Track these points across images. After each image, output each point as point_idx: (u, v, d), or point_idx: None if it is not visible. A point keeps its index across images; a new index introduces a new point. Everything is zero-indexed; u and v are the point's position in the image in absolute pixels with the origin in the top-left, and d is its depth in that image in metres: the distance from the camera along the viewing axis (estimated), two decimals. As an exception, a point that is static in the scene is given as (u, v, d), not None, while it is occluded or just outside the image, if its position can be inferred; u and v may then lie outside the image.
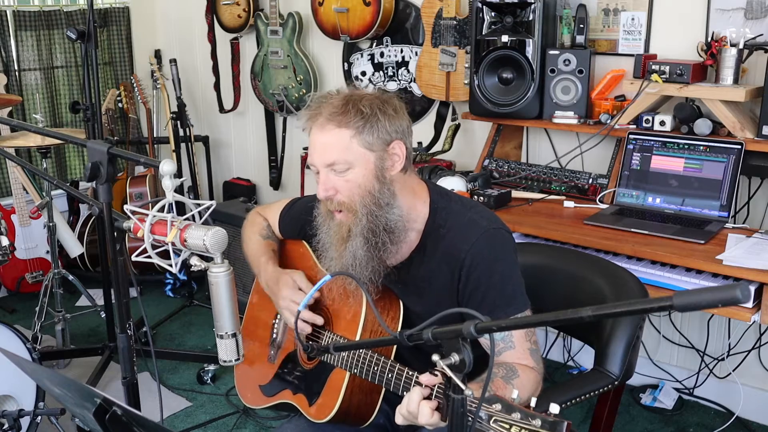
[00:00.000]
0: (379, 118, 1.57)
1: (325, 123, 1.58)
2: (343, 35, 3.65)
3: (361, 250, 1.61)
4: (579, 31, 3.00)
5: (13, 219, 3.83)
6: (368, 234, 1.60)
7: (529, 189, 3.07)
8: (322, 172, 1.60)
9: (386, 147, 1.59)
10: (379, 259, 1.64)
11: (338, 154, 1.57)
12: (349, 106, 1.57)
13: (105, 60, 4.54)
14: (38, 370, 1.70)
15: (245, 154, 4.58)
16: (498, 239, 1.63)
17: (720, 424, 2.93)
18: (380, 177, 1.59)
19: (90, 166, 1.46)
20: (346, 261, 1.62)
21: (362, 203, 1.59)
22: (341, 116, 1.56)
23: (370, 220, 1.59)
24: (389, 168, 1.61)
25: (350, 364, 1.63)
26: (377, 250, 1.62)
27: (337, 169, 1.58)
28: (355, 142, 1.56)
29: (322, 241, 1.70)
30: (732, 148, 2.62)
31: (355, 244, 1.61)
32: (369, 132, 1.56)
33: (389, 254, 1.66)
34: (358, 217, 1.60)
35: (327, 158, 1.58)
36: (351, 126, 1.56)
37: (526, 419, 1.08)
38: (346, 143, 1.56)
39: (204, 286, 3.93)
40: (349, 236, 1.61)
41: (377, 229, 1.60)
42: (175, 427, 2.92)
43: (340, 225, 1.64)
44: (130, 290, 1.56)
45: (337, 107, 1.57)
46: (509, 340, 1.57)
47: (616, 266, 2.02)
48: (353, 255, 1.61)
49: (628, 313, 0.95)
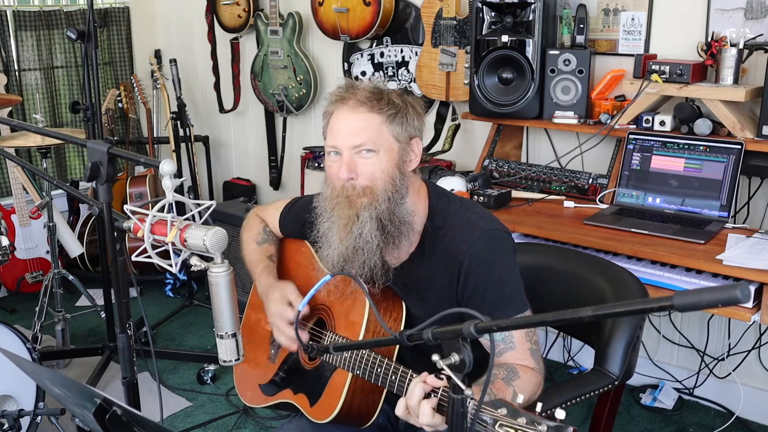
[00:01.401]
0: (409, 111, 1.62)
1: (357, 105, 1.58)
2: (343, 35, 3.65)
3: (373, 233, 1.58)
4: (579, 31, 3.00)
5: (13, 219, 3.83)
6: (386, 220, 1.58)
7: (529, 189, 3.07)
8: (346, 154, 1.59)
9: (409, 141, 1.62)
10: (383, 250, 1.62)
11: (368, 136, 1.57)
12: (383, 94, 1.60)
13: (105, 60, 4.54)
14: (38, 370, 1.70)
15: (245, 154, 4.58)
16: (496, 240, 1.62)
17: (720, 424, 2.93)
18: (401, 168, 1.61)
19: (90, 166, 1.46)
20: (352, 244, 1.60)
21: (384, 188, 1.58)
22: (375, 101, 1.58)
23: (389, 207, 1.58)
24: (408, 162, 1.63)
25: (353, 366, 1.63)
26: (390, 239, 1.61)
27: (364, 151, 1.58)
28: (385, 129, 1.58)
29: (321, 231, 1.67)
30: (732, 148, 2.62)
31: (367, 227, 1.58)
32: (398, 123, 1.59)
33: (395, 248, 1.65)
34: (377, 201, 1.58)
35: (356, 139, 1.57)
36: (384, 113, 1.58)
37: (532, 424, 1.07)
38: (377, 128, 1.58)
39: (204, 286, 3.93)
40: (357, 218, 1.59)
41: (393, 217, 1.59)
42: (175, 427, 2.92)
43: (350, 204, 1.59)
44: (130, 290, 1.56)
45: (371, 92, 1.59)
46: (510, 340, 1.56)
47: (616, 266, 2.02)
48: (363, 238, 1.58)
49: (628, 313, 0.95)
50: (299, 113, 4.07)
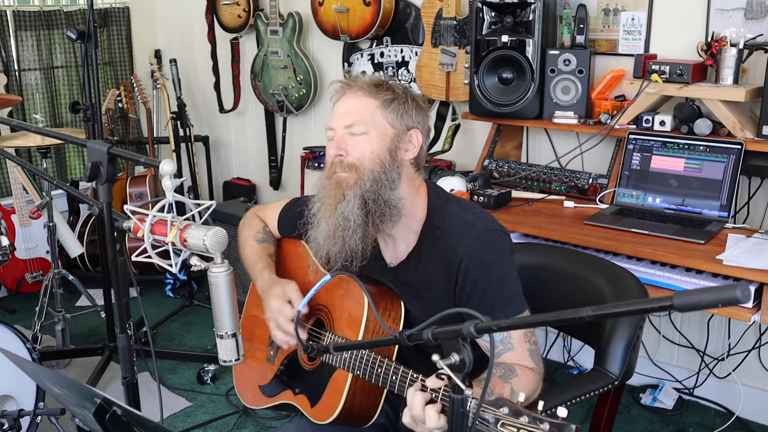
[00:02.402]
0: (408, 101, 1.65)
1: (357, 90, 1.64)
2: (343, 35, 3.65)
3: (356, 210, 1.59)
4: (579, 31, 3.00)
5: (13, 219, 3.83)
6: (368, 198, 1.59)
7: (529, 189, 3.07)
8: (338, 133, 1.63)
9: (406, 131, 1.64)
10: (371, 231, 1.62)
11: (359, 116, 1.61)
12: (384, 83, 1.65)
13: (105, 60, 4.54)
14: (38, 370, 1.70)
15: (245, 154, 4.58)
16: (495, 241, 1.62)
17: (720, 424, 2.93)
18: (393, 153, 1.62)
19: (90, 166, 1.46)
20: (335, 221, 1.60)
21: (371, 168, 1.60)
22: (374, 88, 1.64)
23: (373, 187, 1.59)
24: (403, 150, 1.64)
25: (353, 366, 1.63)
26: (373, 218, 1.60)
27: (355, 131, 1.61)
28: (379, 113, 1.62)
29: (313, 210, 1.68)
30: (732, 148, 2.62)
31: (351, 205, 1.59)
32: (394, 110, 1.63)
33: (385, 228, 1.64)
34: (362, 179, 1.59)
35: (348, 119, 1.62)
36: (380, 98, 1.63)
37: (534, 423, 1.07)
38: (370, 111, 1.62)
39: (204, 286, 3.93)
40: (343, 197, 1.60)
41: (378, 198, 1.60)
42: (175, 427, 2.92)
43: (337, 185, 1.61)
44: (130, 290, 1.56)
45: (373, 81, 1.66)
46: (508, 341, 1.56)
47: (616, 266, 2.02)
48: (344, 215, 1.59)
49: (628, 313, 0.95)
50: (299, 113, 4.07)
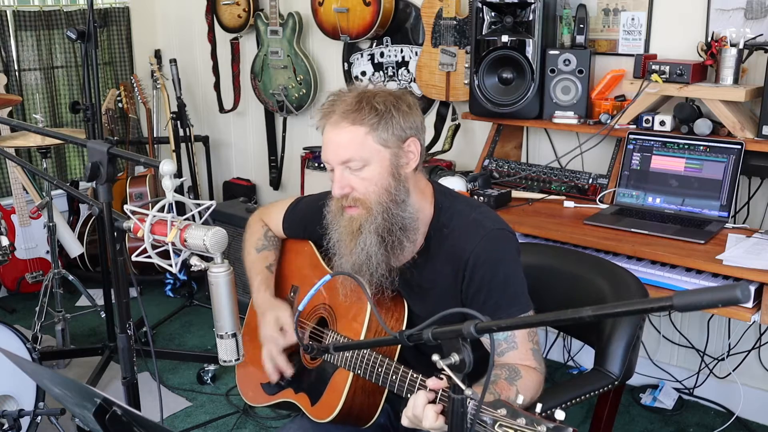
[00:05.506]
0: (394, 114, 1.56)
1: (339, 120, 1.56)
2: (343, 35, 3.65)
3: (375, 248, 1.59)
4: (579, 31, 3.00)
5: (13, 219, 3.82)
6: (384, 233, 1.58)
7: (529, 189, 3.07)
8: (337, 169, 1.58)
9: (401, 144, 1.58)
10: (390, 259, 1.63)
11: (353, 151, 1.55)
12: (363, 103, 1.56)
13: (105, 60, 4.54)
14: (38, 370, 1.70)
15: (245, 154, 4.58)
16: (502, 240, 1.62)
17: (720, 424, 2.93)
18: (395, 174, 1.59)
19: (90, 166, 1.46)
20: (358, 258, 1.60)
21: (378, 201, 1.58)
22: (355, 113, 1.55)
23: (386, 219, 1.58)
24: (404, 165, 1.60)
25: (354, 365, 1.63)
26: (393, 249, 1.61)
27: (353, 166, 1.56)
28: (370, 139, 1.55)
29: (332, 240, 1.67)
30: (732, 148, 2.62)
31: (368, 241, 1.59)
32: (384, 129, 1.55)
33: (400, 253, 1.65)
34: (372, 214, 1.58)
35: (342, 156, 1.56)
36: (365, 123, 1.55)
37: (531, 425, 1.07)
38: (360, 140, 1.55)
39: (204, 286, 3.93)
40: (360, 232, 1.59)
41: (393, 227, 1.59)
42: (175, 427, 2.92)
43: (351, 220, 1.61)
44: (130, 290, 1.56)
45: (351, 105, 1.56)
46: (512, 340, 1.56)
47: (616, 266, 2.02)
48: (366, 252, 1.59)
49: (628, 313, 0.95)
50: (299, 113, 4.07)
